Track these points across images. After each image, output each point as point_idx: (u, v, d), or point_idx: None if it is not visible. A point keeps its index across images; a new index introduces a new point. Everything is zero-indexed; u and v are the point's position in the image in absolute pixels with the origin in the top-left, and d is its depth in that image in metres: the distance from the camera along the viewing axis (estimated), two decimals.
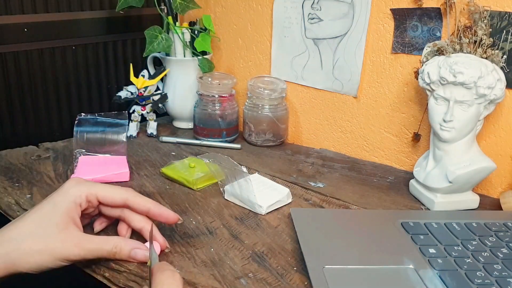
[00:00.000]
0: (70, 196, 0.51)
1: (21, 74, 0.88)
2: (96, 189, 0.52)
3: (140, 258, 0.52)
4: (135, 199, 0.53)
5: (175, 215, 0.54)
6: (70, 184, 0.52)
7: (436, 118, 0.65)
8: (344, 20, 0.83)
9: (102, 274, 0.52)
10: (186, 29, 0.95)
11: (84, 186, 0.52)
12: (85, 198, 0.52)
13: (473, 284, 0.48)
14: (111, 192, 0.53)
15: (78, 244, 0.49)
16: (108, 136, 0.77)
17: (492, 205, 0.70)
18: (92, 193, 0.52)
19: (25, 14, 0.86)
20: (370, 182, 0.77)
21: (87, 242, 0.50)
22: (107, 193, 0.53)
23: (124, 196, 0.53)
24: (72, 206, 0.50)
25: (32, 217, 0.49)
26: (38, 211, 0.50)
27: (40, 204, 0.51)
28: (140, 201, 0.53)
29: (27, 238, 0.47)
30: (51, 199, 0.51)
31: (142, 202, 0.54)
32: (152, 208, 0.54)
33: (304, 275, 0.51)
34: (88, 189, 0.52)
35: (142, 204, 0.53)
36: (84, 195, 0.52)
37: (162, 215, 0.54)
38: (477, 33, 0.65)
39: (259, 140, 0.91)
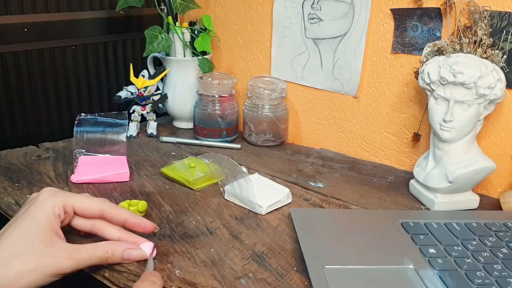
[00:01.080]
0: (47, 208, 0.49)
1: (21, 74, 0.88)
2: (72, 200, 0.51)
3: (134, 258, 0.51)
4: (111, 209, 0.53)
5: (152, 224, 0.54)
6: (45, 195, 0.50)
7: (436, 118, 0.65)
8: (344, 20, 0.83)
9: (102, 274, 0.52)
10: (186, 29, 0.95)
11: (60, 197, 0.51)
12: (62, 209, 0.50)
13: (473, 284, 0.48)
14: (87, 202, 0.52)
15: (69, 257, 0.47)
16: (108, 136, 0.77)
17: (492, 205, 0.70)
18: (68, 204, 0.51)
19: (25, 14, 0.86)
20: (370, 182, 0.77)
21: (77, 252, 0.48)
22: (84, 204, 0.52)
23: (101, 207, 0.52)
24: (52, 218, 0.49)
25: (14, 236, 0.47)
26: (18, 228, 0.47)
27: (17, 220, 0.48)
28: (117, 212, 0.53)
29: (15, 260, 0.45)
30: (28, 213, 0.49)
31: (119, 212, 0.53)
32: (130, 219, 0.53)
33: (304, 275, 0.51)
34: (64, 200, 0.50)
35: (119, 215, 0.53)
36: (61, 205, 0.50)
37: (140, 225, 0.54)
38: (477, 33, 0.65)
39: (259, 140, 0.91)
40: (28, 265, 0.45)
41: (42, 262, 0.46)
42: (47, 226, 0.48)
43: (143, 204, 0.62)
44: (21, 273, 0.45)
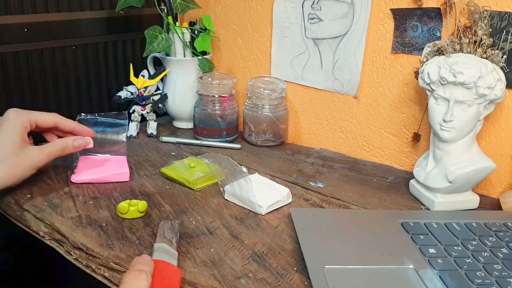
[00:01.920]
0: (18, 122, 0.65)
1: (21, 74, 0.87)
2: (34, 116, 0.68)
3: (82, 144, 0.70)
4: (63, 120, 0.71)
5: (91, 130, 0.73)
6: (13, 115, 0.66)
7: (436, 118, 0.65)
8: (344, 20, 0.83)
9: (102, 274, 0.52)
10: (186, 29, 0.95)
11: (25, 115, 0.67)
12: (28, 123, 0.67)
13: (473, 284, 0.48)
14: (44, 116, 0.69)
15: (41, 152, 0.66)
16: (108, 136, 0.77)
17: (492, 205, 0.70)
18: (32, 119, 0.67)
19: (25, 14, 0.86)
20: (370, 182, 0.77)
21: (45, 148, 0.67)
22: (42, 117, 0.69)
23: (55, 119, 0.70)
24: (22, 130, 0.65)
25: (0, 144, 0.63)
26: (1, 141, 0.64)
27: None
28: (67, 123, 0.71)
29: (5, 158, 0.63)
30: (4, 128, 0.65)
31: (69, 123, 0.71)
32: (76, 128, 0.71)
33: (304, 275, 0.51)
34: (29, 116, 0.67)
35: (69, 124, 0.71)
36: (27, 120, 0.67)
37: (84, 132, 0.72)
38: (477, 33, 0.65)
39: (259, 140, 0.91)
40: (16, 161, 0.63)
41: (24, 158, 0.64)
42: (20, 136, 0.65)
43: (143, 204, 0.62)
44: (11, 167, 0.63)
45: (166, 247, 0.52)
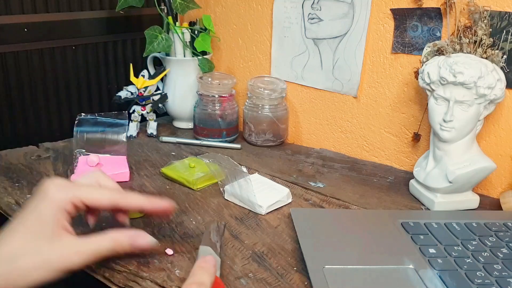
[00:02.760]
0: (54, 202, 0.47)
1: (21, 74, 0.88)
2: (80, 193, 0.48)
3: (142, 244, 0.49)
4: (126, 200, 0.50)
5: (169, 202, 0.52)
6: (52, 189, 0.47)
7: (436, 118, 0.65)
8: (344, 20, 0.83)
9: (102, 274, 0.52)
10: (186, 29, 0.95)
11: (67, 192, 0.48)
12: (71, 204, 0.47)
13: (473, 284, 0.48)
14: (97, 193, 0.49)
15: (78, 252, 0.46)
16: (108, 136, 0.77)
17: (492, 205, 0.70)
18: (77, 197, 0.48)
19: (25, 14, 0.86)
20: (370, 182, 0.77)
21: (85, 246, 0.47)
22: (93, 197, 0.49)
23: (112, 199, 0.49)
24: (58, 213, 0.47)
25: (20, 232, 0.45)
26: (25, 224, 0.46)
27: (23, 215, 0.47)
28: (130, 200, 0.50)
29: (21, 257, 0.44)
30: (34, 207, 0.47)
31: (133, 200, 0.50)
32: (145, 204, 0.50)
33: (304, 275, 0.51)
34: (73, 194, 0.48)
35: (134, 203, 0.50)
36: (69, 201, 0.47)
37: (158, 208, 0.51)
38: (477, 33, 0.65)
39: (259, 140, 0.91)
40: (35, 262, 0.44)
41: (49, 258, 0.45)
42: (54, 221, 0.46)
43: None
44: (28, 270, 0.44)
45: (211, 251, 0.49)
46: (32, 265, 0.44)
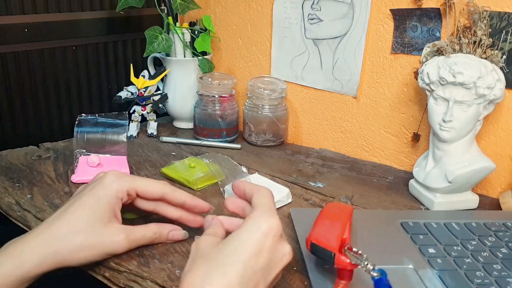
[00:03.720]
0: (112, 190, 0.52)
1: (22, 74, 0.88)
2: (137, 183, 0.54)
3: (178, 238, 0.56)
4: (173, 193, 0.55)
5: (208, 205, 0.57)
6: (111, 178, 0.53)
7: (436, 118, 0.65)
8: (343, 20, 0.83)
9: (102, 274, 0.52)
10: (186, 29, 0.95)
11: (125, 181, 0.53)
12: (126, 193, 0.53)
13: (473, 284, 0.48)
14: (150, 186, 0.54)
15: (126, 237, 0.51)
16: (109, 136, 0.77)
17: (491, 205, 0.70)
18: (133, 188, 0.53)
19: (26, 14, 0.86)
20: (369, 182, 0.77)
21: (133, 233, 0.52)
22: (147, 187, 0.54)
23: (162, 190, 0.55)
24: (114, 200, 0.52)
25: (77, 213, 0.50)
26: (82, 205, 0.51)
27: (82, 198, 0.51)
28: (177, 195, 0.55)
29: (77, 235, 0.49)
30: (93, 192, 0.52)
31: (179, 195, 0.55)
32: (188, 201, 0.56)
33: (304, 275, 0.51)
34: (129, 184, 0.53)
35: (178, 198, 0.55)
36: (126, 189, 0.53)
37: (197, 207, 0.56)
38: (476, 34, 0.65)
39: (259, 140, 0.91)
40: (89, 241, 0.49)
41: (102, 240, 0.50)
42: (108, 207, 0.51)
43: None
44: (81, 248, 0.49)
45: None
46: (86, 244, 0.49)
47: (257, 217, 0.44)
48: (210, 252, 0.42)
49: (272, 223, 0.43)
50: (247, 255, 0.41)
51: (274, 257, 0.42)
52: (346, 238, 0.48)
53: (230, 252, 0.41)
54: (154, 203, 0.56)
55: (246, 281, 0.40)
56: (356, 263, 0.43)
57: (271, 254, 0.42)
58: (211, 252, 0.42)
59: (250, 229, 0.43)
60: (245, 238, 0.42)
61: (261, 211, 0.45)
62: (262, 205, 0.45)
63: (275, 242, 0.43)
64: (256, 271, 0.41)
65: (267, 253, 0.42)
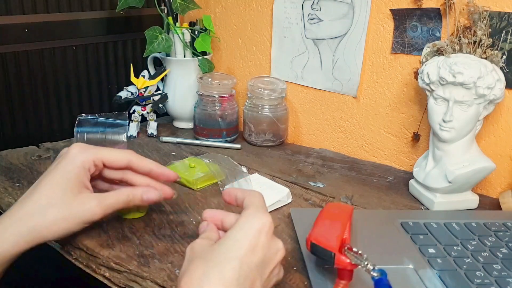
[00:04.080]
0: (78, 161, 0.52)
1: (22, 74, 0.88)
2: (101, 154, 0.54)
3: (152, 198, 0.55)
4: (138, 160, 0.56)
5: (174, 173, 0.58)
6: (75, 150, 0.53)
7: (436, 118, 0.65)
8: (343, 20, 0.83)
9: (102, 274, 0.52)
10: (186, 29, 0.95)
11: (90, 152, 0.54)
12: (92, 163, 0.53)
13: (473, 284, 0.48)
14: (115, 155, 0.55)
15: (98, 204, 0.52)
16: (109, 136, 0.77)
17: (491, 205, 0.70)
18: (98, 158, 0.54)
19: (26, 14, 0.86)
20: (369, 182, 0.77)
21: (105, 199, 0.53)
22: (112, 156, 0.55)
23: (128, 158, 0.55)
24: (81, 171, 0.52)
25: (47, 188, 0.51)
26: (51, 180, 0.51)
27: (51, 173, 0.52)
28: (143, 162, 0.56)
29: (50, 208, 0.49)
30: (60, 166, 0.52)
31: (145, 162, 0.56)
32: (154, 169, 0.56)
33: (304, 275, 0.51)
34: (94, 155, 0.54)
35: (144, 165, 0.56)
36: (91, 159, 0.53)
37: (164, 174, 0.57)
38: (476, 34, 0.65)
39: (259, 140, 0.91)
40: (62, 213, 0.50)
41: (75, 209, 0.51)
42: (77, 178, 0.52)
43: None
44: (56, 221, 0.49)
45: None
46: (60, 216, 0.50)
47: (250, 215, 0.44)
48: (206, 252, 0.42)
49: (265, 220, 0.44)
50: (242, 252, 0.41)
51: (268, 253, 0.43)
52: (346, 238, 0.48)
53: (226, 251, 0.42)
54: (121, 172, 0.57)
55: (243, 278, 0.40)
56: (356, 263, 0.43)
57: (266, 250, 0.43)
58: (207, 252, 0.42)
59: (244, 227, 0.43)
60: (240, 236, 0.43)
61: (253, 209, 0.45)
62: (253, 204, 0.46)
63: (268, 239, 0.43)
64: (252, 268, 0.41)
65: (262, 249, 0.42)
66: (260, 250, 0.42)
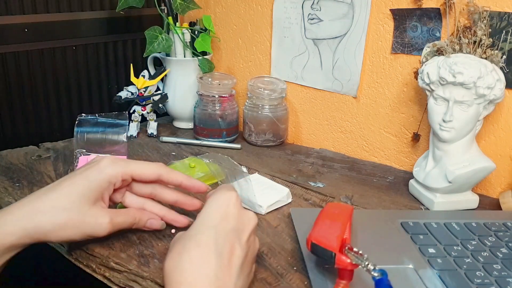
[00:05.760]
0: (105, 175, 0.51)
1: (22, 74, 0.88)
2: (131, 168, 0.53)
3: (155, 227, 0.57)
4: (168, 174, 0.55)
5: (204, 185, 0.57)
6: (106, 163, 0.52)
7: (436, 118, 0.65)
8: (343, 20, 0.83)
9: (102, 274, 0.52)
10: (186, 29, 0.95)
11: (119, 166, 0.53)
12: (120, 178, 0.53)
13: (473, 284, 0.48)
14: (145, 168, 0.54)
15: (110, 221, 0.51)
16: (109, 136, 0.77)
17: (491, 205, 0.70)
18: (127, 173, 0.53)
19: (26, 14, 0.86)
20: (369, 182, 0.77)
21: (116, 217, 0.52)
22: (142, 171, 0.54)
23: (158, 172, 0.55)
24: (106, 185, 0.51)
25: (66, 190, 0.50)
26: (72, 184, 0.50)
27: (74, 177, 0.51)
28: (173, 176, 0.55)
29: (62, 212, 0.48)
30: (85, 174, 0.51)
31: (175, 176, 0.55)
32: (184, 181, 0.56)
33: (304, 275, 0.51)
34: (123, 169, 0.53)
35: (175, 178, 0.55)
36: (120, 175, 0.52)
37: (194, 187, 0.56)
38: (476, 34, 0.65)
39: (259, 140, 0.91)
40: (72, 220, 0.49)
41: (87, 220, 0.50)
42: (98, 190, 0.51)
43: None
44: (64, 225, 0.49)
45: None
46: (71, 223, 0.49)
47: (216, 193, 0.47)
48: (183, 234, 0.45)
49: (230, 194, 0.47)
50: (216, 221, 0.44)
51: (241, 220, 0.46)
52: (346, 238, 0.48)
53: (201, 224, 0.44)
54: (151, 186, 0.56)
55: (222, 241, 0.42)
56: (356, 263, 0.43)
57: (238, 218, 0.45)
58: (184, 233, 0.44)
59: (212, 203, 0.46)
60: (210, 210, 0.46)
61: (218, 189, 0.49)
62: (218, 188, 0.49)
63: (237, 209, 0.46)
64: (228, 232, 0.44)
65: (233, 217, 0.45)
66: (231, 218, 0.45)
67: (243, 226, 0.46)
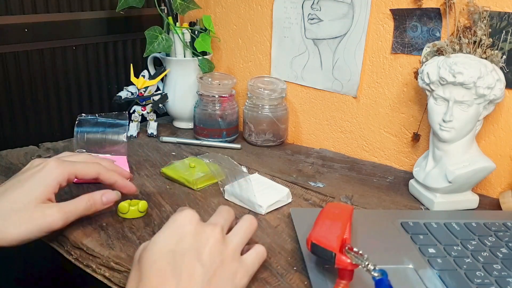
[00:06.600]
0: (53, 175, 0.55)
1: (22, 74, 0.88)
2: (75, 168, 0.58)
3: (112, 198, 0.60)
4: (105, 174, 0.61)
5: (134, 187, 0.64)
6: (53, 165, 0.56)
7: (436, 118, 0.65)
8: (343, 20, 0.83)
9: (102, 274, 0.52)
10: (186, 29, 0.95)
11: (66, 168, 0.57)
12: (66, 178, 0.57)
13: (473, 284, 0.48)
14: (87, 169, 0.59)
15: (59, 210, 0.54)
16: (109, 136, 0.77)
17: (491, 205, 0.70)
18: (72, 173, 0.58)
19: (26, 14, 0.86)
20: (369, 182, 0.77)
21: (65, 206, 0.55)
22: (85, 171, 0.59)
23: (97, 171, 0.60)
24: (54, 184, 0.55)
25: (18, 192, 0.53)
26: (23, 186, 0.54)
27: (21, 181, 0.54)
28: (109, 175, 0.61)
29: (12, 213, 0.51)
30: (33, 177, 0.55)
31: (111, 176, 0.61)
32: (118, 181, 0.62)
33: (304, 275, 0.51)
34: (69, 170, 0.57)
35: (111, 178, 0.61)
36: (66, 175, 0.57)
37: (126, 187, 0.62)
38: (476, 34, 0.65)
39: (259, 140, 0.91)
40: (24, 218, 0.52)
41: (36, 215, 0.52)
42: (46, 189, 0.54)
43: (143, 204, 0.62)
44: (17, 225, 0.51)
45: None
46: (22, 220, 0.51)
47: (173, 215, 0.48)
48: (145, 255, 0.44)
49: (185, 213, 0.47)
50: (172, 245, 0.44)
51: (199, 238, 0.45)
52: (346, 238, 0.48)
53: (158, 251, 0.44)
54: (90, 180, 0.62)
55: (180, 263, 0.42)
56: (357, 263, 0.43)
57: (196, 236, 0.45)
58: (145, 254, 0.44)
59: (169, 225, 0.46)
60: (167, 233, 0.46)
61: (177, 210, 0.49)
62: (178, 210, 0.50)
63: (194, 226, 0.46)
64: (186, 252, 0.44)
65: (190, 236, 0.45)
66: (189, 237, 0.45)
67: (202, 244, 0.45)
